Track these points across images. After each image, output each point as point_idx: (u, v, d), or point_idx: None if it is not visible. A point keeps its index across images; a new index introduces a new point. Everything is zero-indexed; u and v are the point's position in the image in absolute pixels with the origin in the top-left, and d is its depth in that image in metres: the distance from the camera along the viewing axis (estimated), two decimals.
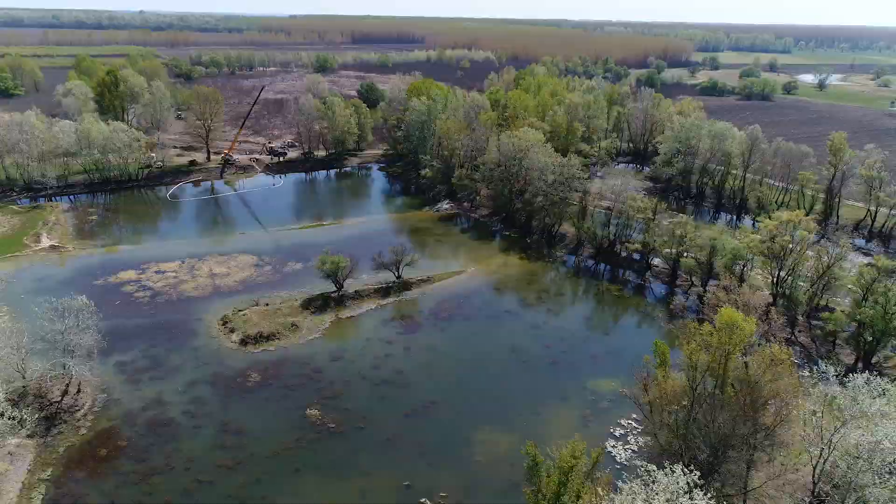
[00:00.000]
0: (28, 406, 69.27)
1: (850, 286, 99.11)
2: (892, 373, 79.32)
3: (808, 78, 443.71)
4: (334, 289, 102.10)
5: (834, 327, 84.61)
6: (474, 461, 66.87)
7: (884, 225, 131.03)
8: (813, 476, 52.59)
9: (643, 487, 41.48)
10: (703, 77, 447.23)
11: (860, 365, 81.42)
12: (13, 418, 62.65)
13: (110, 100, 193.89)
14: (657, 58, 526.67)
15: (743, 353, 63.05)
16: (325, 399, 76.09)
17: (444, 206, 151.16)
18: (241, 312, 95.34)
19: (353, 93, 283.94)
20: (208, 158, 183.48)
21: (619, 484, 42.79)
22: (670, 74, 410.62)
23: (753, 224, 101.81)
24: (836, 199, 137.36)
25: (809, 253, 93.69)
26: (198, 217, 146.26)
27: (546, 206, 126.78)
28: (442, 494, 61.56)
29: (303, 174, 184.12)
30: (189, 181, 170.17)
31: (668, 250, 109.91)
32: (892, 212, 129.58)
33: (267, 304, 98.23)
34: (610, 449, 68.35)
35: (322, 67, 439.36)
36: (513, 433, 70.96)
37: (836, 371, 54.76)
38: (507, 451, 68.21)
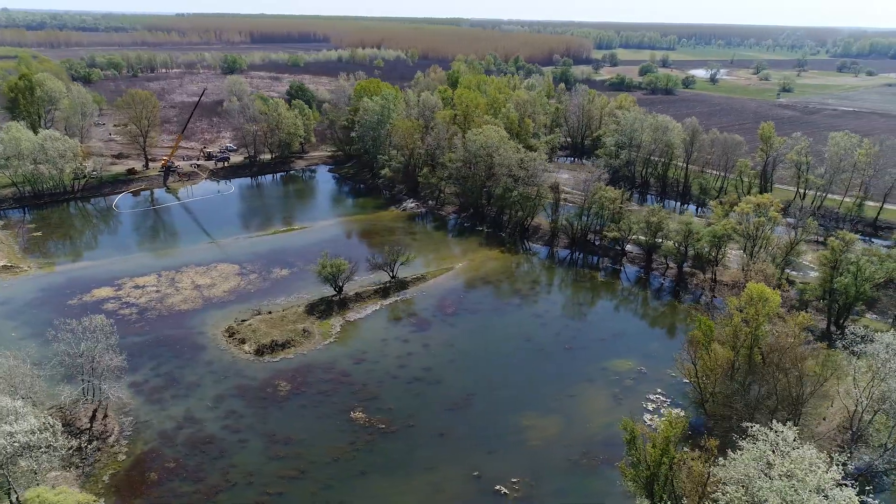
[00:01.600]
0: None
1: (805, 261, 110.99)
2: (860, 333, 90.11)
3: (700, 73, 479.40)
4: (332, 292, 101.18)
5: (809, 296, 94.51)
6: (529, 445, 69.58)
7: (811, 204, 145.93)
8: (851, 422, 59.75)
9: (753, 443, 46.03)
10: (606, 73, 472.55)
11: (833, 328, 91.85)
12: (70, 447, 58.33)
13: (25, 106, 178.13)
14: (562, 55, 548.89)
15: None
16: (365, 401, 76.03)
17: (410, 204, 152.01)
18: (246, 322, 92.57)
19: (273, 94, 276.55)
20: (146, 166, 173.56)
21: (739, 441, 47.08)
22: (579, 71, 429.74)
23: (720, 208, 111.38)
24: (769, 184, 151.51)
25: (778, 231, 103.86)
26: (154, 228, 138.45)
27: (519, 201, 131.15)
28: (513, 479, 63.79)
29: (249, 179, 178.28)
30: (130, 190, 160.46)
31: (641, 237, 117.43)
32: (819, 193, 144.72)
33: (270, 312, 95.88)
34: (648, 422, 73.22)
35: (231, 68, 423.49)
36: (555, 416, 74.50)
37: (864, 333, 62.30)
38: (556, 433, 71.66)
